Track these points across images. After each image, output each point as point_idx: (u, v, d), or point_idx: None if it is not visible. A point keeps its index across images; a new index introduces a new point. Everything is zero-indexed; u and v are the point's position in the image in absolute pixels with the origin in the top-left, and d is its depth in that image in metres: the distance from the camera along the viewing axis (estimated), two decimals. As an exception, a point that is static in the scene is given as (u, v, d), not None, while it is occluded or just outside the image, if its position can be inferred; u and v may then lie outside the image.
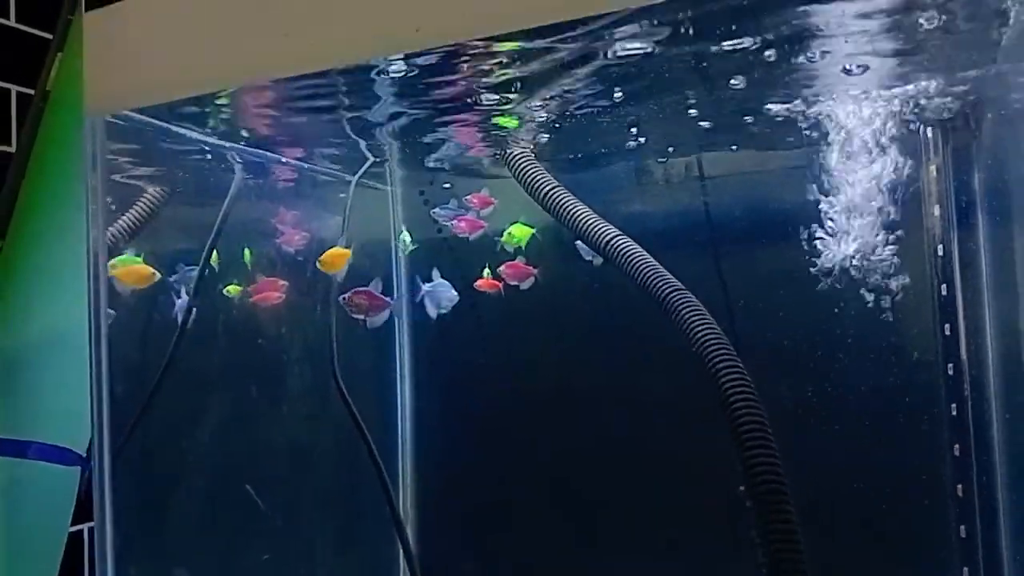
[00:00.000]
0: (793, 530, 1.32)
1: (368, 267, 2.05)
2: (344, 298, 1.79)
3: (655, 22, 1.18)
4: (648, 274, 1.51)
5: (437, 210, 2.04)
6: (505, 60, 1.30)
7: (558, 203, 1.65)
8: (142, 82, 1.39)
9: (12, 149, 1.97)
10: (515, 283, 1.90)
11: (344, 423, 1.88)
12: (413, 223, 2.24)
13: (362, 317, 1.81)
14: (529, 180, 1.70)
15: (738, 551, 1.74)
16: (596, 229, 1.61)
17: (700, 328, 1.39)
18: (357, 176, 1.91)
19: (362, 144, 1.81)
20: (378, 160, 1.91)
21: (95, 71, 1.40)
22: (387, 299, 1.84)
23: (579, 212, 1.63)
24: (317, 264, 1.86)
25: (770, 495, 1.31)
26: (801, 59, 1.38)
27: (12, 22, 2.00)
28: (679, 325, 1.42)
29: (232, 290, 1.88)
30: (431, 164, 2.03)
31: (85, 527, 2.05)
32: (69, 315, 1.61)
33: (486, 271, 1.92)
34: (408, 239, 2.09)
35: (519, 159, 1.73)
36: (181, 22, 1.34)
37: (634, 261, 1.54)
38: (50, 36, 1.79)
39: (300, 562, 2.06)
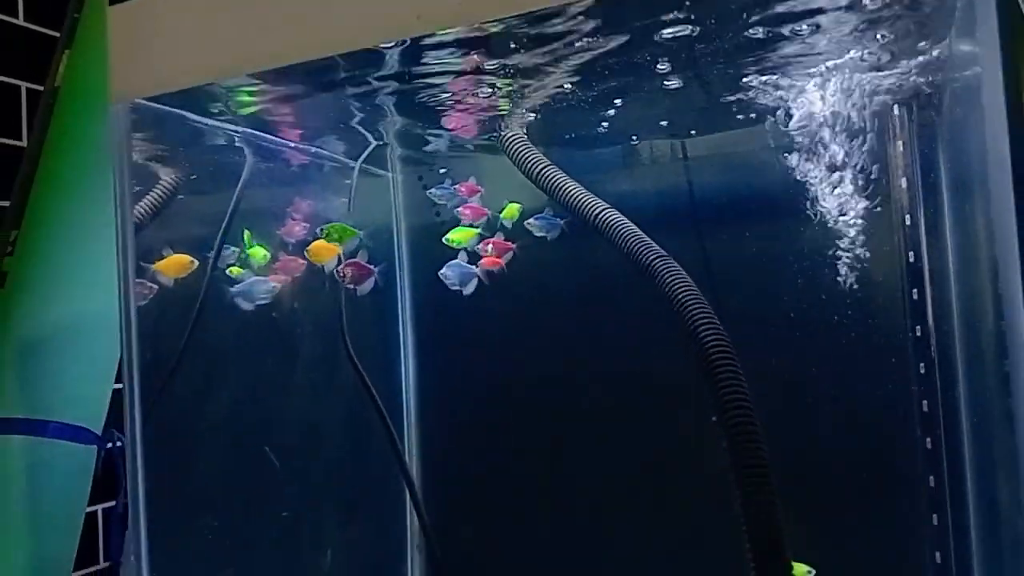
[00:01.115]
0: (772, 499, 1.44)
1: (372, 248, 2.16)
2: (337, 270, 1.92)
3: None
4: (635, 245, 1.63)
5: (433, 190, 2.16)
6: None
7: (551, 181, 1.77)
8: (161, 71, 1.49)
9: (23, 143, 2.06)
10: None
11: (355, 391, 2.01)
12: (412, 207, 2.37)
13: (352, 286, 1.94)
14: (523, 160, 1.81)
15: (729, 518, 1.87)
16: (587, 204, 1.72)
17: (684, 293, 1.52)
18: (360, 160, 2.03)
19: (363, 129, 1.93)
20: (380, 143, 2.02)
21: (119, 61, 1.50)
22: (372, 268, 1.96)
23: (571, 189, 1.75)
24: (305, 254, 1.95)
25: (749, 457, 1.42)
26: (776, 43, 1.50)
27: (20, 21, 2.10)
28: (664, 291, 1.54)
29: (234, 271, 1.97)
30: (428, 149, 2.16)
31: (99, 508, 2.14)
32: (86, 303, 1.71)
33: (490, 247, 2.03)
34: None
35: (513, 140, 1.85)
36: (198, 14, 1.46)
37: (622, 233, 1.65)
38: (57, 34, 1.88)
39: (315, 522, 2.18)
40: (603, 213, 1.69)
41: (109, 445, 1.83)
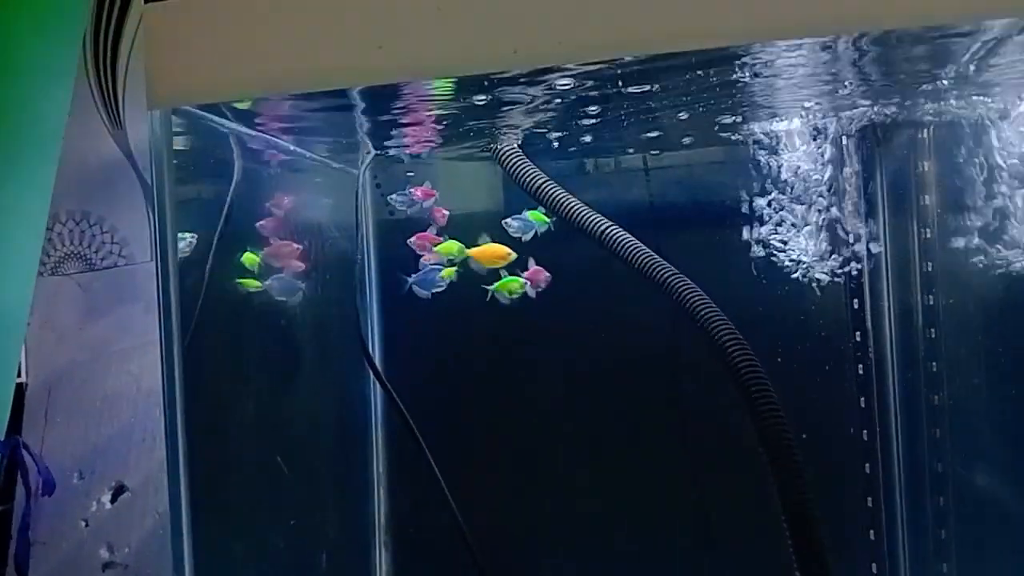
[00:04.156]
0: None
1: (338, 238, 2.24)
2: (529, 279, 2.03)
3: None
4: (626, 247, 1.78)
5: (394, 196, 2.22)
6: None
7: (547, 193, 1.87)
8: (201, 83, 1.48)
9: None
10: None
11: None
12: (375, 203, 2.42)
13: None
14: (519, 173, 1.91)
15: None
16: (581, 214, 1.85)
17: (686, 292, 1.69)
18: (363, 168, 2.07)
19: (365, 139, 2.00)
20: (379, 153, 2.07)
21: (158, 69, 1.48)
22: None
23: (566, 201, 1.86)
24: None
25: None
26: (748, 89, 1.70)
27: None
28: (670, 293, 1.70)
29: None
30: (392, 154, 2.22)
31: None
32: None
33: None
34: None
35: (508, 154, 1.94)
36: (239, 29, 1.44)
37: (616, 239, 1.80)
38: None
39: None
40: (599, 224, 1.82)
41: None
